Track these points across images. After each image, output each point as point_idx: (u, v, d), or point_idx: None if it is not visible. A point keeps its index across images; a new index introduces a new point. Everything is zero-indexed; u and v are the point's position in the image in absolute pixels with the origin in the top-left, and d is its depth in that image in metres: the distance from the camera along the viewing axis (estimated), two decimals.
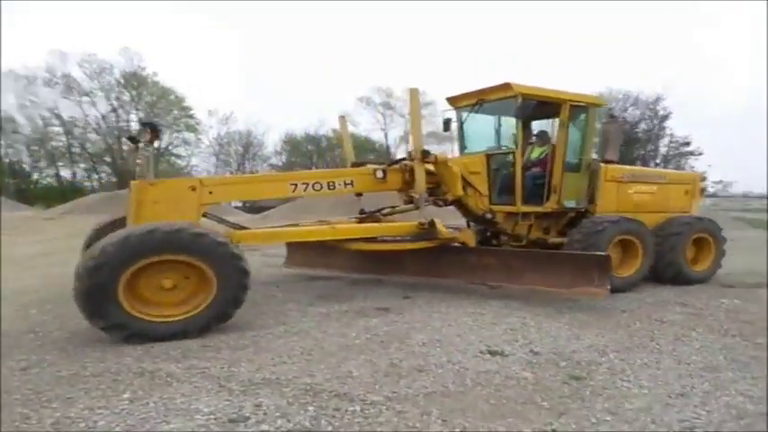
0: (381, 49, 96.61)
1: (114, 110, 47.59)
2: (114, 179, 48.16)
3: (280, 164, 55.67)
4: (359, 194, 6.80)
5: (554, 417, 3.11)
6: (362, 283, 7.18)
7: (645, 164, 41.50)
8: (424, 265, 6.91)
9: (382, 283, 7.31)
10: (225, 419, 2.96)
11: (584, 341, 4.65)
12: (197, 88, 69.50)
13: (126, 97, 48.06)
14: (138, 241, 4.36)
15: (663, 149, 47.54)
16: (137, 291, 4.49)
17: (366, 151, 55.91)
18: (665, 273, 7.48)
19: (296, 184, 6.07)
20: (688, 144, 46.22)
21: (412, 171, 6.34)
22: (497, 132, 7.79)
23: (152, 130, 6.03)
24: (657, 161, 45.80)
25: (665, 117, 45.95)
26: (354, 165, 7.33)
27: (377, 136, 56.14)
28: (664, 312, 5.79)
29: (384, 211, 7.48)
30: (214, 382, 3.52)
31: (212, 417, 2.98)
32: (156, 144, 5.86)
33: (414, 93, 6.29)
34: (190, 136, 52.52)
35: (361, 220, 7.24)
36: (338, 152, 55.71)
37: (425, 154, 6.25)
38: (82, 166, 49.42)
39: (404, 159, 6.63)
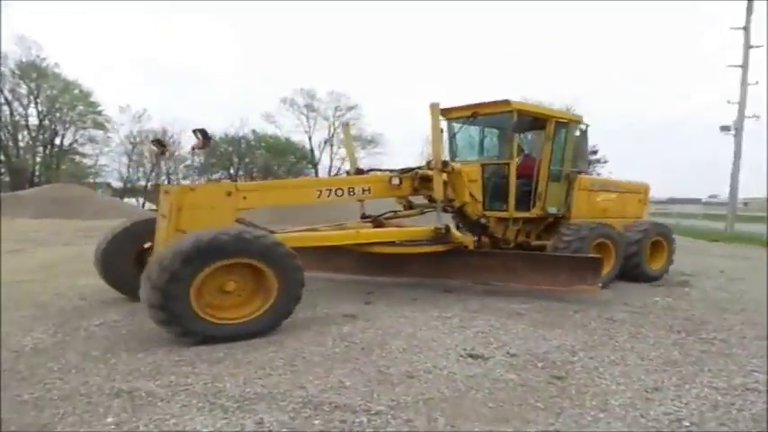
0: (305, 50, 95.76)
1: (8, 103, 43.48)
2: (7, 179, 44.08)
3: (197, 164, 53.31)
4: (360, 200, 7.12)
5: (553, 417, 3.23)
6: (319, 290, 7.05)
7: None
8: (428, 266, 7.29)
9: (338, 288, 7.24)
10: None
11: (552, 342, 4.86)
12: (106, 84, 65.36)
13: (23, 89, 44.10)
14: (208, 246, 4.46)
15: None
16: (202, 295, 4.57)
17: (288, 153, 54.93)
18: (629, 271, 8.22)
19: (321, 190, 6.37)
20: (596, 152, 49.58)
21: (422, 179, 6.86)
22: (481, 144, 8.39)
23: (204, 136, 5.90)
24: None
25: None
26: (358, 171, 7.79)
27: (298, 138, 55.11)
28: (611, 311, 6.17)
29: (386, 216, 7.76)
30: (202, 399, 3.32)
31: None
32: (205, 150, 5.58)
33: (434, 108, 6.72)
34: (98, 133, 49.13)
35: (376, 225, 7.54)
36: (258, 154, 54.29)
37: (445, 164, 6.73)
38: None
39: (413, 168, 7.09)
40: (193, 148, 6.37)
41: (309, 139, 54.38)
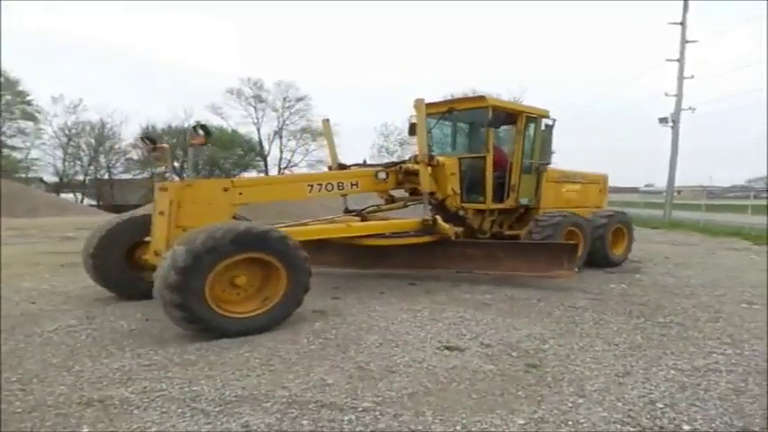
0: (252, 40, 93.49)
1: None
2: None
3: (139, 158, 51.04)
4: (344, 195, 7.37)
5: (535, 405, 3.30)
6: None
7: None
8: (414, 257, 7.51)
9: None
10: None
11: (521, 331, 4.97)
12: (38, 72, 61.52)
13: None
14: (220, 242, 4.50)
15: None
16: (215, 290, 4.61)
17: (234, 146, 53.37)
18: (594, 257, 8.65)
19: (312, 185, 6.53)
20: None
21: (406, 173, 7.23)
22: (454, 138, 8.73)
23: (205, 132, 5.90)
24: None
25: None
26: (341, 166, 8.02)
27: (246, 129, 53.46)
28: (572, 299, 6.38)
29: (369, 210, 8.00)
30: (181, 404, 3.19)
31: None
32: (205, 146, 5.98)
33: (419, 104, 6.98)
34: (28, 125, 46.31)
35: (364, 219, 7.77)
36: (206, 149, 52.50)
37: (431, 159, 7.12)
38: None
39: (398, 163, 7.50)
40: (191, 145, 6.42)
41: (258, 130, 52.97)
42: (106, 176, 51.36)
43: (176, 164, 51.78)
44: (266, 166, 52.15)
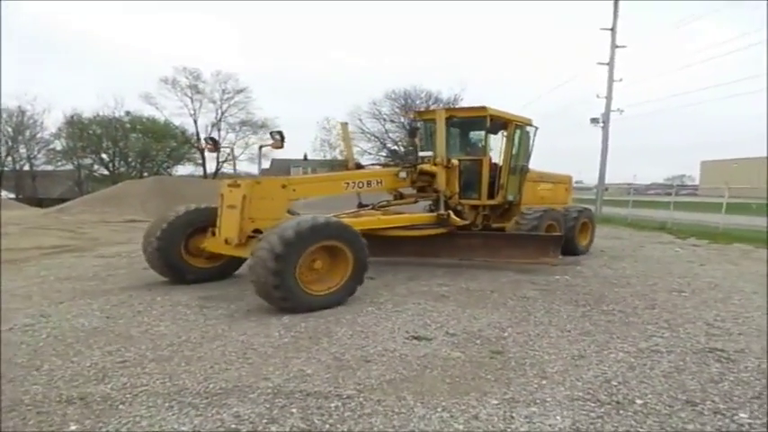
0: (187, 28, 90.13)
1: None
2: None
3: (64, 148, 47.94)
4: (358, 192, 8.14)
5: (504, 387, 3.56)
6: (242, 281, 6.93)
7: None
8: (422, 247, 8.43)
9: None
10: None
11: (481, 320, 5.27)
12: None
13: None
14: (308, 231, 5.36)
15: None
16: (301, 272, 5.41)
17: (168, 137, 51.01)
18: (566, 246, 9.25)
19: (348, 183, 7.46)
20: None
21: (420, 172, 8.15)
22: (447, 141, 9.20)
23: (281, 137, 6.67)
24: None
25: None
26: (358, 166, 8.96)
27: (181, 121, 50.84)
28: (522, 290, 6.77)
29: (381, 204, 8.71)
30: (167, 398, 3.23)
31: None
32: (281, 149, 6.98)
33: (440, 114, 8.22)
34: None
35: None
36: (134, 138, 49.84)
37: (448, 161, 8.25)
38: None
39: (414, 164, 8.37)
40: (260, 147, 7.68)
41: (195, 122, 50.79)
42: (27, 167, 48.08)
43: (104, 155, 49.31)
44: (204, 158, 50.28)
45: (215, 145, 7.82)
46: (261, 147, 8.24)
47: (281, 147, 6.77)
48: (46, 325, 4.84)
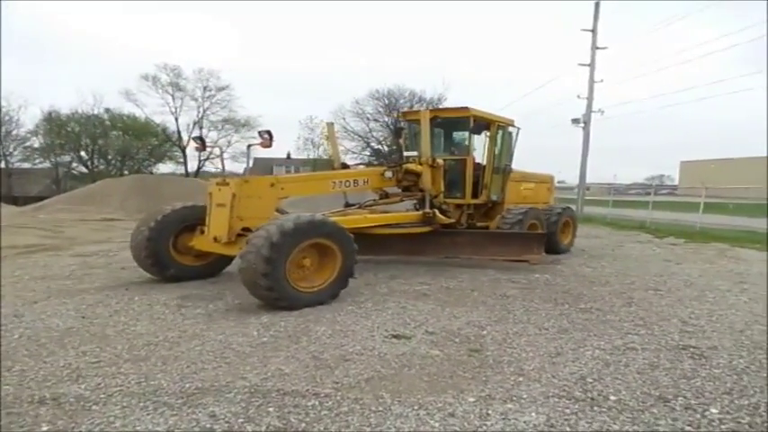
0: (169, 25, 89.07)
1: None
2: None
3: (42, 146, 47.01)
4: (344, 192, 8.34)
5: (481, 384, 3.59)
6: (220, 281, 6.88)
7: None
8: (409, 246, 8.56)
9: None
10: None
11: (460, 319, 5.30)
12: None
13: None
14: (306, 225, 5.51)
15: None
16: (290, 268, 5.44)
17: (148, 135, 50.26)
18: (548, 244, 9.33)
19: (335, 182, 7.54)
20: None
21: (406, 172, 8.26)
22: (432, 142, 9.26)
23: (269, 136, 6.56)
24: None
25: None
26: (343, 166, 8.98)
27: (162, 119, 50.09)
28: (502, 289, 6.82)
29: (367, 204, 8.74)
30: (142, 398, 3.19)
31: None
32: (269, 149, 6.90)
33: (424, 114, 8.40)
34: None
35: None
36: (114, 135, 49.04)
37: (433, 161, 8.36)
38: None
39: (400, 163, 8.40)
40: (248, 146, 7.76)
41: (176, 120, 50.13)
42: (2, 165, 47.04)
43: (83, 153, 48.47)
44: (185, 157, 49.74)
45: (203, 144, 7.78)
46: (249, 146, 8.14)
47: (270, 146, 6.73)
48: (19, 325, 4.75)
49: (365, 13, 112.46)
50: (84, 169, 48.77)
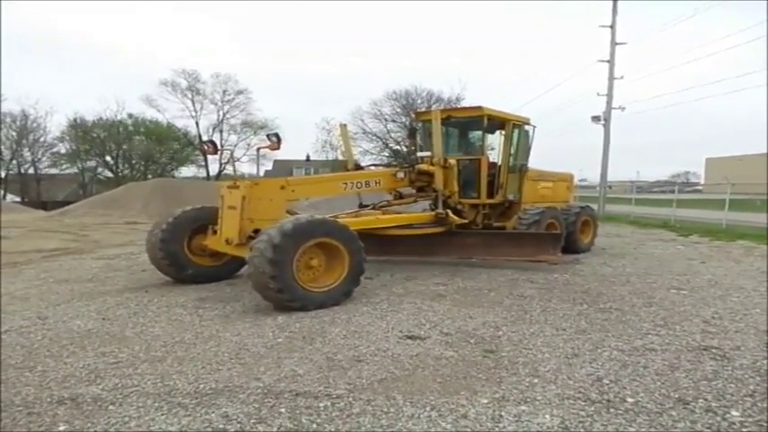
0: (185, 29, 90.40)
1: None
2: None
3: (68, 151, 48.10)
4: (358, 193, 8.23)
5: (495, 386, 3.56)
6: (237, 283, 6.94)
7: None
8: (420, 246, 8.51)
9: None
10: None
11: (476, 319, 5.26)
12: None
13: None
14: (306, 225, 5.55)
15: None
16: (298, 268, 5.51)
17: (170, 139, 51.05)
18: (567, 244, 9.48)
19: (346, 183, 7.55)
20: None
21: (419, 172, 8.28)
22: (446, 141, 9.48)
23: (277, 139, 6.66)
24: None
25: None
26: (357, 167, 9.02)
27: (183, 123, 50.81)
28: (520, 289, 6.75)
29: (381, 204, 8.71)
30: (157, 399, 3.24)
31: None
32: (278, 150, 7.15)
33: (436, 114, 8.33)
34: None
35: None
36: (138, 140, 49.89)
37: (445, 161, 8.30)
38: None
39: (412, 164, 8.52)
40: (258, 149, 7.91)
41: (197, 124, 50.83)
42: (31, 171, 48.22)
43: (108, 158, 49.43)
44: (206, 160, 50.35)
45: (214, 148, 7.90)
46: (258, 149, 8.19)
47: (278, 148, 6.81)
48: (42, 327, 4.87)
49: (381, 15, 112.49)
50: (109, 174, 49.75)
